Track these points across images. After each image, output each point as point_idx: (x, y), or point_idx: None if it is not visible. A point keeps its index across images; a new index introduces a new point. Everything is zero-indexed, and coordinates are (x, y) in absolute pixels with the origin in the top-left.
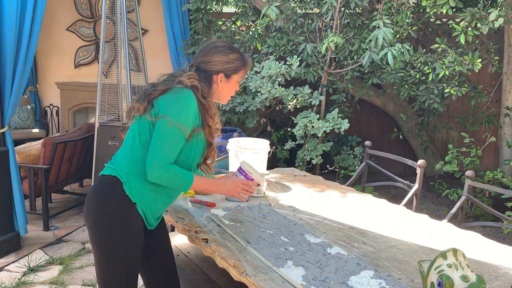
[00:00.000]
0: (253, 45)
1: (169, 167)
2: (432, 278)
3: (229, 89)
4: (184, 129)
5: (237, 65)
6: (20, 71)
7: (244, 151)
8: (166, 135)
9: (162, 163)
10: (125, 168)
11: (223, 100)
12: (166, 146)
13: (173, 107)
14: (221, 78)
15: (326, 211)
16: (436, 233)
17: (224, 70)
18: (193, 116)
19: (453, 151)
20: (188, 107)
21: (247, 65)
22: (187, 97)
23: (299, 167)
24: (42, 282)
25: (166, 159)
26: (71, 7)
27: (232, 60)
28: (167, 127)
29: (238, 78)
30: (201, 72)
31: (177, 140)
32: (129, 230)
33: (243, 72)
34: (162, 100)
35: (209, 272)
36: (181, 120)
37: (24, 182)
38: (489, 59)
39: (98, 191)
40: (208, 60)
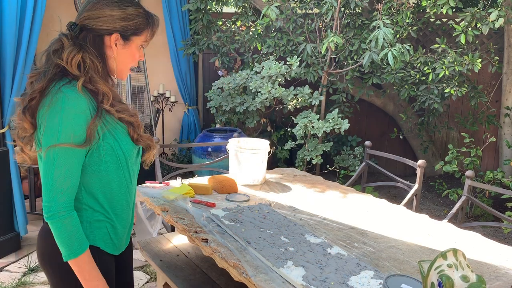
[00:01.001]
0: (253, 45)
1: (65, 215)
2: (432, 278)
3: (128, 57)
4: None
5: (138, 22)
6: (20, 71)
7: (244, 151)
8: (49, 164)
9: (57, 205)
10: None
11: (120, 75)
12: (54, 177)
13: (47, 127)
14: (116, 40)
15: (326, 211)
16: (436, 233)
17: (119, 28)
18: (80, 119)
19: (453, 151)
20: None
21: (153, 25)
22: (64, 101)
23: (299, 167)
24: (42, 283)
25: (60, 195)
26: (71, 7)
27: (131, 16)
28: (47, 155)
29: (141, 42)
30: (88, 33)
31: (65, 164)
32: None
33: (147, 34)
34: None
35: (209, 272)
36: (60, 137)
37: (24, 182)
38: (489, 59)
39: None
40: (96, 15)
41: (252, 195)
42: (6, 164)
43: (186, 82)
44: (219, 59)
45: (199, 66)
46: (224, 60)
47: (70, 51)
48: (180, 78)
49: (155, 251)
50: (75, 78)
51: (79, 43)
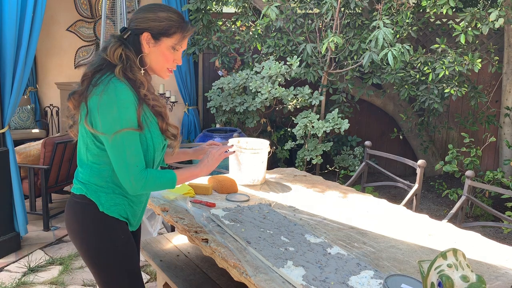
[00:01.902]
0: (253, 45)
1: (145, 175)
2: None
3: (160, 56)
4: (132, 128)
5: (167, 24)
6: (20, 71)
7: (244, 151)
8: (119, 147)
9: (136, 175)
10: (91, 185)
11: (157, 72)
12: (127, 156)
13: (106, 116)
14: (147, 38)
15: (326, 211)
16: (436, 233)
17: (149, 28)
18: (132, 108)
19: (453, 151)
20: (123, 105)
21: (184, 29)
22: (116, 94)
23: (299, 167)
24: (42, 283)
25: (137, 168)
26: (71, 7)
27: (160, 18)
28: (115, 140)
29: (171, 44)
30: (131, 34)
31: (132, 144)
32: (118, 243)
33: (178, 37)
34: (93, 101)
35: (209, 272)
36: (122, 123)
37: (24, 182)
38: (489, 59)
39: (74, 212)
40: (136, 17)
41: (252, 195)
42: (6, 164)
43: (186, 82)
44: (219, 59)
45: (199, 66)
46: (224, 60)
47: (112, 45)
48: (180, 78)
49: (155, 251)
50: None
51: (122, 40)
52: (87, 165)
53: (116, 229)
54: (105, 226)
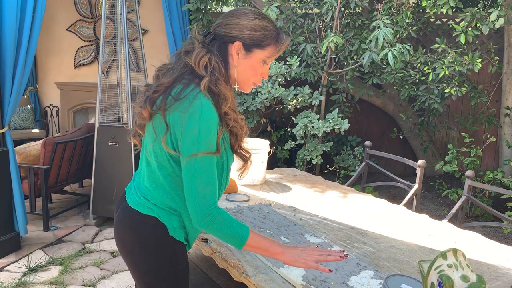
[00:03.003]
0: None
1: (214, 213)
2: (432, 278)
3: (248, 68)
4: (209, 152)
5: (263, 35)
6: (20, 71)
7: None
8: (191, 172)
9: (203, 208)
10: (165, 209)
11: (241, 85)
12: (197, 184)
13: (187, 137)
14: (237, 48)
15: (326, 211)
16: (436, 233)
17: (242, 37)
18: (214, 130)
19: (453, 151)
20: (205, 126)
21: (279, 42)
22: (202, 114)
23: (299, 167)
24: (42, 283)
25: (205, 201)
26: (71, 7)
27: (256, 27)
28: (189, 163)
29: (263, 57)
30: (217, 40)
31: (206, 171)
32: (179, 267)
33: (272, 50)
34: (174, 118)
35: (209, 272)
36: (200, 147)
37: (24, 182)
38: (489, 59)
39: (140, 233)
40: (226, 22)
41: (252, 195)
42: (6, 164)
43: None
44: None
45: None
46: None
47: (198, 52)
48: None
49: None
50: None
51: (207, 46)
52: (159, 184)
53: (179, 253)
54: (171, 250)
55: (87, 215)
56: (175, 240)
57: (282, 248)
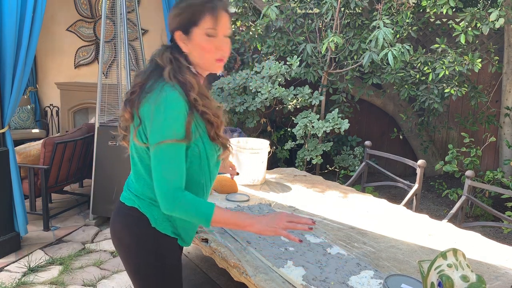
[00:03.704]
0: (253, 45)
1: (178, 196)
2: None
3: (199, 49)
4: (175, 140)
5: (191, 12)
6: (20, 71)
7: (244, 151)
8: (157, 159)
9: (167, 193)
10: (146, 199)
11: (206, 66)
12: (162, 171)
13: (153, 126)
14: (179, 37)
15: (326, 211)
16: (436, 233)
17: (177, 25)
18: (181, 118)
19: (453, 151)
20: (170, 115)
21: (212, 9)
22: (166, 104)
23: (299, 167)
24: (42, 283)
25: (169, 185)
26: (71, 7)
27: (183, 9)
28: (155, 151)
29: (204, 31)
30: (172, 39)
31: (171, 158)
32: (167, 261)
33: (208, 20)
34: (144, 110)
35: (209, 272)
36: (165, 134)
37: (24, 182)
38: (489, 59)
39: (126, 225)
40: (168, 21)
41: (252, 195)
42: (6, 164)
43: None
44: None
45: None
46: None
47: (161, 49)
48: None
49: None
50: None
51: (168, 44)
52: (140, 176)
53: (165, 247)
54: (155, 243)
55: (87, 215)
56: (159, 233)
57: (250, 220)
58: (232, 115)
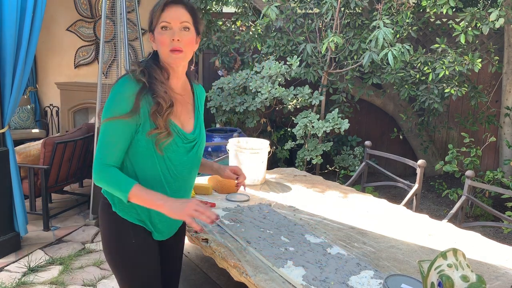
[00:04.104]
0: (253, 45)
1: (102, 170)
2: (432, 278)
3: (158, 42)
4: (117, 116)
5: (151, 14)
6: (20, 71)
7: (244, 151)
8: (100, 136)
9: (96, 166)
10: None
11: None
12: (99, 146)
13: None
14: (151, 38)
15: (326, 211)
16: (436, 233)
17: (148, 28)
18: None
19: (453, 151)
20: (119, 97)
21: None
22: (117, 87)
23: (299, 167)
24: (42, 282)
25: (100, 160)
26: (71, 7)
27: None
28: (101, 128)
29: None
30: None
31: (109, 134)
32: (129, 248)
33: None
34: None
35: (209, 272)
36: (110, 113)
37: (24, 182)
38: (489, 59)
39: (100, 209)
40: None
41: (252, 195)
42: (6, 164)
43: None
44: (219, 59)
45: (199, 66)
46: (224, 60)
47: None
48: None
49: None
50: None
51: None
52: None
53: (128, 233)
54: (117, 228)
55: (87, 215)
56: (121, 218)
57: (162, 201)
58: (232, 115)
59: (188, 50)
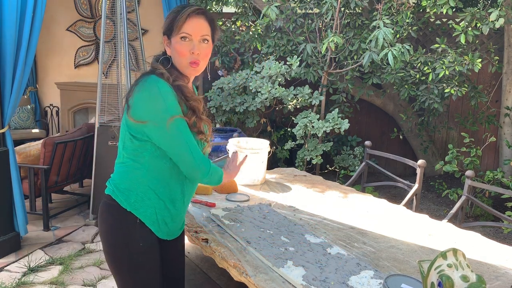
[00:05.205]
0: (253, 45)
1: (209, 168)
2: (432, 278)
3: (175, 53)
4: (181, 115)
5: (170, 19)
6: (20, 71)
7: (244, 151)
8: (177, 135)
9: (203, 157)
10: (122, 184)
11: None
12: (187, 142)
13: (154, 108)
14: (165, 41)
15: (326, 211)
16: (436, 233)
17: (164, 31)
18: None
19: (453, 151)
20: (166, 96)
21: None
22: (158, 86)
23: (299, 167)
24: (42, 282)
25: (200, 153)
26: (71, 7)
27: (167, 16)
28: (171, 129)
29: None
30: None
31: (187, 130)
32: (135, 249)
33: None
34: (133, 96)
35: (209, 272)
36: (172, 111)
37: (24, 182)
38: (489, 59)
39: (101, 213)
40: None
41: (252, 195)
42: (6, 164)
43: None
44: (219, 59)
45: None
46: (224, 60)
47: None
48: None
49: None
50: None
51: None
52: (121, 164)
53: (136, 236)
54: (125, 230)
55: (87, 215)
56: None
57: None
58: (232, 115)
59: (205, 62)
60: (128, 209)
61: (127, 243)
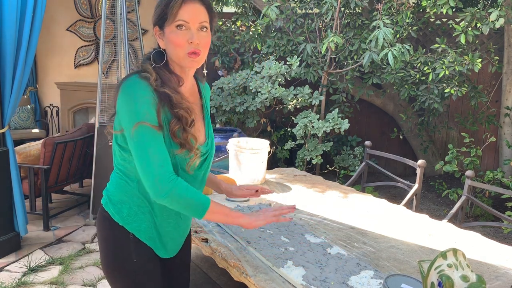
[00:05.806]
0: (253, 45)
1: (174, 179)
2: (432, 278)
3: (170, 44)
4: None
5: (161, 9)
6: (20, 71)
7: (244, 151)
8: (140, 142)
9: (162, 176)
10: (115, 196)
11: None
12: (149, 153)
13: (126, 110)
14: (156, 33)
15: (326, 211)
16: (436, 233)
17: (154, 21)
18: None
19: (453, 151)
20: (140, 99)
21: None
22: (134, 88)
23: (299, 167)
24: (42, 282)
25: (162, 168)
26: (71, 7)
27: (157, 5)
28: (135, 134)
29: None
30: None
31: (155, 141)
32: (129, 264)
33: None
34: (118, 99)
35: (209, 272)
36: (141, 116)
37: (24, 182)
38: (489, 59)
39: (98, 224)
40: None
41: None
42: (6, 164)
43: None
44: (219, 59)
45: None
46: (224, 60)
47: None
48: None
49: None
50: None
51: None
52: (115, 175)
53: (129, 251)
54: (117, 245)
55: (87, 215)
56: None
57: (242, 217)
58: (232, 115)
59: (205, 52)
60: (120, 223)
61: (120, 260)
